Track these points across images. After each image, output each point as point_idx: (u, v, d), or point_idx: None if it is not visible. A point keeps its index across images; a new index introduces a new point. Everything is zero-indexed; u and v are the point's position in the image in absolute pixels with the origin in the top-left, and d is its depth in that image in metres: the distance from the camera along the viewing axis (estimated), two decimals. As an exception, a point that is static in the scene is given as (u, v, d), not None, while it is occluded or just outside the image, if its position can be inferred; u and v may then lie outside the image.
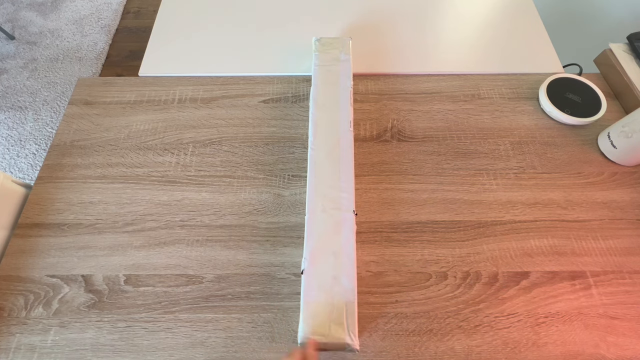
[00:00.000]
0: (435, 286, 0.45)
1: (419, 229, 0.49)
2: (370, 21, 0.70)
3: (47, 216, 0.50)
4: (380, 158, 0.55)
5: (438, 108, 0.59)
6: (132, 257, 0.47)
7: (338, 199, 0.45)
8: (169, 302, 0.44)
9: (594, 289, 0.45)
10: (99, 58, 1.59)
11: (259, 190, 0.52)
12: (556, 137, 0.56)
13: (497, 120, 0.58)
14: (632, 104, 0.57)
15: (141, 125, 0.58)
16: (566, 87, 0.59)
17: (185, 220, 0.50)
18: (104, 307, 0.44)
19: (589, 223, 0.49)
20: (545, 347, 0.42)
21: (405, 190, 0.52)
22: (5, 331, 0.43)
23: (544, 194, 0.51)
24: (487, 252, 0.47)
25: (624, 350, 0.42)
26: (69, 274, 0.46)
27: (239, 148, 0.55)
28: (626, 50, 0.62)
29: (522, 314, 0.44)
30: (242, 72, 0.63)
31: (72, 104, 0.60)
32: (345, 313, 0.39)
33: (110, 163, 0.54)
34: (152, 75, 0.64)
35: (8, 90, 1.48)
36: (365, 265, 0.47)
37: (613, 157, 0.54)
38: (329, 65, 0.57)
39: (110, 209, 0.51)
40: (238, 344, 0.42)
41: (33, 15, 1.72)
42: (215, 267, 0.47)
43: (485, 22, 0.70)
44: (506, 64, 0.64)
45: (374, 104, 0.60)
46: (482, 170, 0.53)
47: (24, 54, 1.58)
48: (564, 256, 0.47)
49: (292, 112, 0.59)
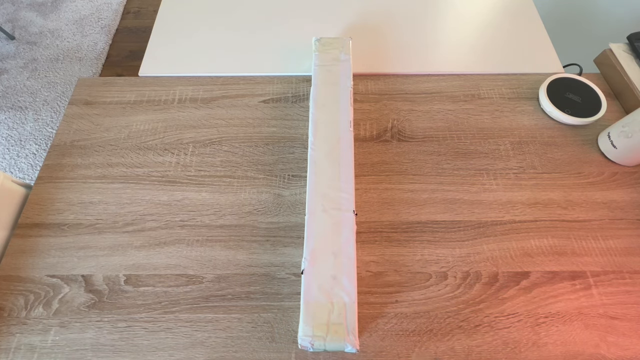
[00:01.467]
0: (435, 286, 0.45)
1: (419, 229, 0.49)
2: (370, 21, 0.70)
3: (47, 216, 0.50)
4: (380, 158, 0.55)
5: (438, 108, 0.59)
6: (132, 257, 0.47)
7: (338, 199, 0.46)
8: (169, 302, 0.45)
9: (594, 289, 0.45)
10: (99, 58, 1.59)
11: (259, 190, 0.52)
12: (556, 137, 0.56)
13: (497, 120, 0.58)
14: (632, 104, 0.57)
15: (141, 125, 0.58)
16: (566, 87, 0.59)
17: (185, 220, 0.50)
18: (104, 307, 0.44)
19: (589, 223, 0.49)
20: (546, 347, 0.42)
21: (405, 190, 0.52)
22: (5, 331, 0.43)
23: (544, 194, 0.51)
24: (487, 252, 0.47)
25: (624, 350, 0.42)
26: (69, 274, 0.46)
27: (239, 148, 0.56)
28: (626, 50, 0.62)
29: (522, 314, 0.44)
30: (242, 72, 0.63)
31: (72, 104, 0.60)
32: (345, 313, 0.39)
33: (110, 163, 0.54)
34: (152, 75, 0.64)
35: (8, 90, 1.48)
36: (365, 265, 0.47)
37: (613, 157, 0.54)
38: (329, 65, 0.57)
39: (110, 209, 0.51)
40: (238, 344, 0.42)
41: (33, 15, 1.72)
42: (215, 267, 0.47)
43: (485, 22, 0.70)
44: (506, 64, 0.64)
45: (374, 104, 0.60)
46: (482, 170, 0.53)
47: (24, 54, 1.59)
48: (564, 256, 0.47)
49: (292, 112, 0.59)
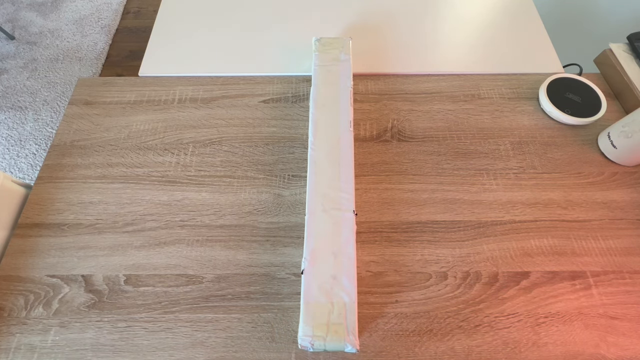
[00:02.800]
0: (435, 286, 0.45)
1: (419, 229, 0.49)
2: (370, 21, 0.70)
3: (47, 216, 0.50)
4: (380, 158, 0.55)
5: (438, 108, 0.59)
6: (132, 257, 0.47)
7: (338, 199, 0.46)
8: (169, 302, 0.44)
9: (594, 289, 0.45)
10: (99, 58, 1.59)
11: (259, 190, 0.52)
12: (556, 137, 0.56)
13: (497, 120, 0.58)
14: (632, 104, 0.57)
15: (141, 125, 0.58)
16: (566, 87, 0.59)
17: (185, 220, 0.50)
18: (104, 307, 0.44)
19: (589, 223, 0.49)
20: (546, 347, 0.42)
21: (405, 190, 0.52)
22: (5, 331, 0.43)
23: (544, 194, 0.51)
24: (487, 252, 0.47)
25: (624, 350, 0.42)
26: (69, 274, 0.46)
27: (239, 148, 0.55)
28: (626, 50, 0.62)
29: (522, 314, 0.44)
30: (242, 72, 0.63)
31: (72, 104, 0.60)
32: (345, 313, 0.39)
33: (110, 163, 0.54)
34: (152, 75, 0.64)
35: (8, 90, 1.48)
36: (365, 265, 0.47)
37: (613, 157, 0.54)
38: (329, 65, 0.57)
39: (110, 209, 0.51)
40: (238, 344, 0.42)
41: (33, 15, 1.72)
42: (215, 267, 0.47)
43: (485, 22, 0.70)
44: (506, 64, 0.64)
45: (374, 104, 0.60)
46: (482, 170, 0.53)
47: (24, 54, 1.59)
48: (564, 256, 0.47)
49: (292, 112, 0.59)
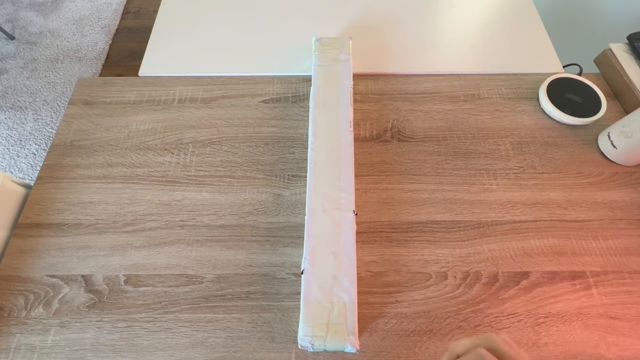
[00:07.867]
0: (435, 286, 0.45)
1: (419, 229, 0.49)
2: (370, 21, 0.70)
3: (47, 216, 0.50)
4: (380, 158, 0.55)
5: (438, 108, 0.59)
6: (132, 257, 0.47)
7: (338, 199, 0.46)
8: (169, 302, 0.44)
9: (594, 289, 0.45)
10: (99, 58, 1.59)
11: (259, 190, 0.52)
12: (556, 137, 0.56)
13: (497, 120, 0.58)
14: (632, 104, 0.57)
15: (141, 125, 0.58)
16: (566, 87, 0.58)
17: (185, 220, 0.50)
18: (104, 307, 0.44)
19: (589, 223, 0.49)
20: (546, 347, 0.42)
21: (405, 190, 0.52)
22: (5, 331, 0.43)
23: (544, 194, 0.51)
24: (487, 252, 0.47)
25: (624, 350, 0.42)
26: (69, 274, 0.46)
27: (239, 148, 0.55)
28: (626, 50, 0.62)
29: (522, 314, 0.44)
30: (242, 72, 0.63)
31: (72, 104, 0.60)
32: (345, 313, 0.39)
33: (110, 163, 0.54)
34: (152, 75, 0.64)
35: (8, 90, 1.48)
36: (365, 265, 0.47)
37: (613, 157, 0.54)
38: (329, 65, 0.57)
39: (110, 209, 0.51)
40: (238, 344, 0.42)
41: (33, 15, 1.72)
42: (215, 267, 0.47)
43: (485, 22, 0.70)
44: (506, 64, 0.64)
45: (374, 104, 0.60)
46: (482, 170, 0.53)
47: (24, 54, 1.59)
48: (564, 256, 0.47)
49: (292, 112, 0.59)
